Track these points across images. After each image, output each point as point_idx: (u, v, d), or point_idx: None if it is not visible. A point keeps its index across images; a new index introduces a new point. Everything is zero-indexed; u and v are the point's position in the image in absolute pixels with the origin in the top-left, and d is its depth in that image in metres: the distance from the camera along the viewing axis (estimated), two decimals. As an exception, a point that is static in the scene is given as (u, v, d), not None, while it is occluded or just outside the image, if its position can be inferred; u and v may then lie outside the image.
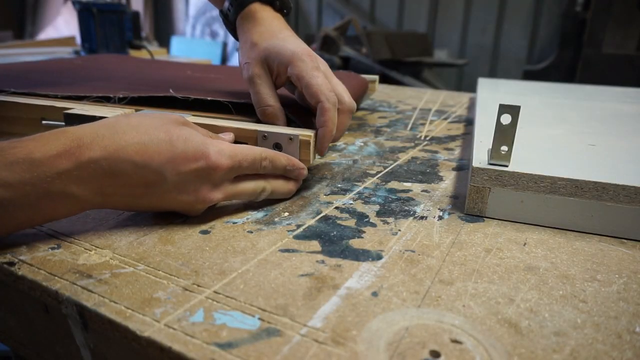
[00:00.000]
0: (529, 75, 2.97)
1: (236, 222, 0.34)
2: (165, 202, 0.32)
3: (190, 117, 0.41)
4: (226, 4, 0.48)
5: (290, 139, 0.37)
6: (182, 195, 0.31)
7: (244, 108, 0.44)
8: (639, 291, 0.26)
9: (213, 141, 0.32)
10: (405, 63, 2.73)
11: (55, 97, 0.48)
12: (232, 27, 0.48)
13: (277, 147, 0.38)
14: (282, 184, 0.37)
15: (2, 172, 0.25)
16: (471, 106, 0.83)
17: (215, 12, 4.19)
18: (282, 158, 0.36)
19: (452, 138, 0.60)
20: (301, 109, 0.45)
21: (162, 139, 0.30)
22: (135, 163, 0.29)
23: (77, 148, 0.28)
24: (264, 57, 0.42)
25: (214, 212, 0.35)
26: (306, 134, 0.37)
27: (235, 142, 0.39)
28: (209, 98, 0.44)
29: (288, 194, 0.38)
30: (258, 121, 0.42)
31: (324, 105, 0.38)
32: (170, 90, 0.46)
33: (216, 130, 0.39)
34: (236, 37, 0.48)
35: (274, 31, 0.44)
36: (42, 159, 0.26)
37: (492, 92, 0.73)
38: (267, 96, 0.42)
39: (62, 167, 0.27)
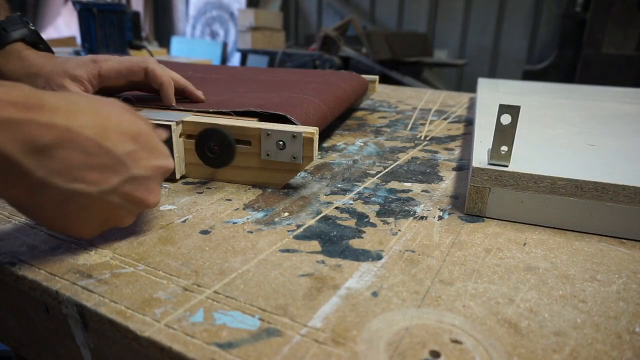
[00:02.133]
0: (528, 75, 2.97)
1: (236, 222, 0.34)
2: (117, 199, 0.27)
3: (192, 117, 0.41)
4: None
5: (294, 136, 0.37)
6: (139, 192, 0.28)
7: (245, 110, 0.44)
8: (639, 291, 0.26)
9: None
10: (405, 63, 2.73)
11: None
12: None
13: (281, 144, 0.38)
14: None
15: None
16: (471, 106, 0.83)
17: (216, 12, 4.20)
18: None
19: (452, 138, 0.60)
20: (284, 104, 0.45)
21: (126, 129, 0.27)
22: (99, 144, 0.25)
23: (37, 101, 0.24)
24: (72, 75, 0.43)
25: (214, 212, 0.35)
26: (309, 131, 0.37)
27: (238, 140, 0.39)
28: (210, 110, 0.44)
29: None
30: (260, 120, 0.42)
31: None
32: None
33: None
34: None
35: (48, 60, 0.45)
36: None
37: (492, 92, 0.73)
38: None
39: (11, 116, 0.22)
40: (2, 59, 0.45)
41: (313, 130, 0.38)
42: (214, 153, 0.39)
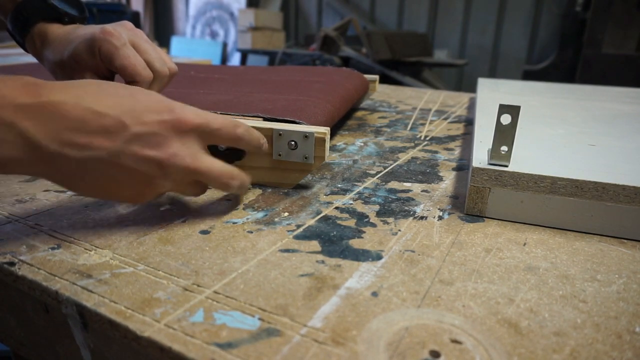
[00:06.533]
0: (529, 75, 2.97)
1: (236, 222, 0.34)
2: (127, 161, 0.28)
3: None
4: (9, 26, 0.44)
5: (306, 136, 0.38)
6: (146, 150, 0.28)
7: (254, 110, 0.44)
8: (639, 291, 0.26)
9: (178, 102, 0.31)
10: (405, 63, 2.73)
11: None
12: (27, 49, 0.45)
13: (293, 144, 0.38)
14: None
15: None
16: (471, 106, 0.83)
17: (216, 12, 4.20)
18: (255, 131, 0.34)
19: (452, 138, 0.60)
20: (292, 109, 0.45)
21: (122, 94, 0.29)
22: (94, 110, 0.27)
23: (35, 88, 0.26)
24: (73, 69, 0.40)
25: (214, 212, 0.35)
26: (321, 131, 0.38)
27: None
28: (218, 112, 0.44)
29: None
30: (268, 120, 0.42)
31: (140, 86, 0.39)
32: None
33: None
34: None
35: (63, 39, 0.42)
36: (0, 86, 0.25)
37: (492, 92, 0.73)
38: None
39: (19, 100, 0.25)
40: (32, 44, 0.44)
41: (325, 131, 0.38)
42: (227, 149, 0.39)
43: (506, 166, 0.35)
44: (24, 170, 0.26)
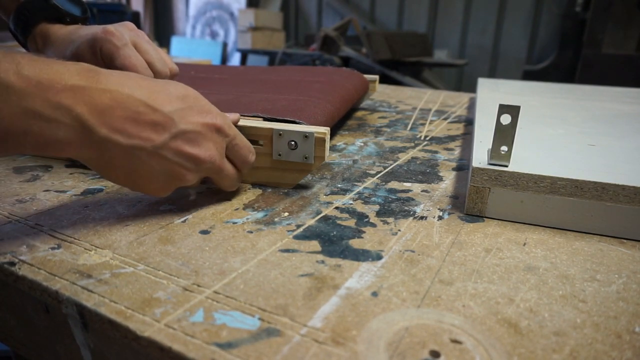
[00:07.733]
0: (529, 75, 2.97)
1: (236, 222, 0.34)
2: (168, 154, 0.30)
3: None
4: (11, 25, 0.45)
5: (306, 136, 0.38)
6: (187, 146, 0.31)
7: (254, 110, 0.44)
8: (639, 291, 0.26)
9: (214, 107, 0.34)
10: (405, 63, 2.73)
11: None
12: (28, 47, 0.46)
13: (292, 144, 0.38)
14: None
15: (25, 65, 0.24)
16: (471, 106, 0.83)
17: (216, 12, 4.20)
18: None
19: (452, 138, 0.60)
20: (290, 109, 0.45)
21: (173, 92, 0.31)
22: (147, 104, 0.29)
23: (95, 74, 0.27)
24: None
25: (214, 212, 0.35)
26: (321, 131, 0.38)
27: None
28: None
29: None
30: (268, 120, 0.42)
31: None
32: None
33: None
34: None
35: (65, 39, 0.42)
36: (61, 69, 0.26)
37: (492, 92, 0.73)
38: None
39: (77, 83, 0.26)
40: (34, 44, 0.44)
41: (325, 131, 0.38)
42: None
43: (506, 166, 0.35)
44: (72, 152, 0.28)
